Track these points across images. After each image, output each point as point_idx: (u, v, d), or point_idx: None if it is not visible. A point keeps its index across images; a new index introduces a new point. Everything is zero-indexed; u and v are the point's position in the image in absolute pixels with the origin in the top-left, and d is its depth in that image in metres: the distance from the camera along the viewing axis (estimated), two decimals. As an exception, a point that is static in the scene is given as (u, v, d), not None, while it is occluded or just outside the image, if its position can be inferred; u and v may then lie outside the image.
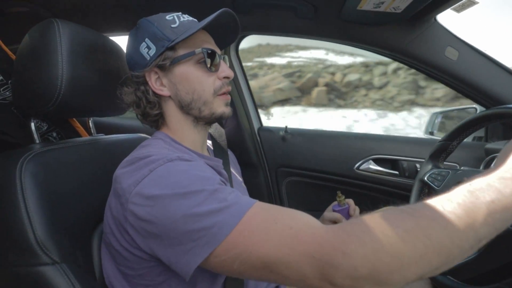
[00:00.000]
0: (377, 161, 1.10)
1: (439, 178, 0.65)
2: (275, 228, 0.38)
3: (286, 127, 1.20)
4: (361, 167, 1.10)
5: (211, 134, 0.78)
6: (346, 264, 0.33)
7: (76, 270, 0.49)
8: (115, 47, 0.70)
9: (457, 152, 0.93)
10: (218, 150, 0.75)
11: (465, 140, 1.12)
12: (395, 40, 0.85)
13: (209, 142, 0.77)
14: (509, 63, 0.87)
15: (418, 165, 1.06)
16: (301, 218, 0.39)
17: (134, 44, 0.57)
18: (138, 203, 0.43)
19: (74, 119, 0.86)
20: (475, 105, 1.07)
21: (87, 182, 0.60)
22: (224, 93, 0.59)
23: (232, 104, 1.13)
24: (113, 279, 0.52)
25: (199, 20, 0.57)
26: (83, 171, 0.60)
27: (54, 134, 0.85)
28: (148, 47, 0.55)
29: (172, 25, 0.55)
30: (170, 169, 0.45)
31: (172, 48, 0.55)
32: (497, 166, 0.36)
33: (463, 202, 0.33)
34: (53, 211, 0.50)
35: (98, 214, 0.60)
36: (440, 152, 0.69)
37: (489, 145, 0.95)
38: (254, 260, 0.38)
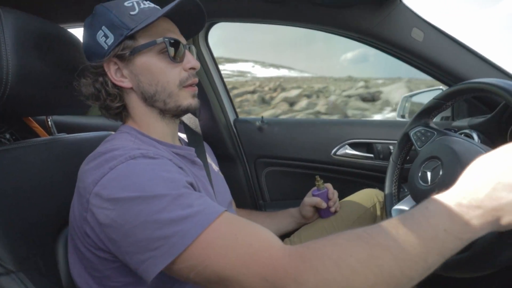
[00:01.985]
0: (353, 146, 1.12)
1: (423, 138, 0.66)
2: (234, 244, 0.38)
3: (262, 117, 1.19)
4: (338, 153, 1.12)
5: (185, 124, 0.75)
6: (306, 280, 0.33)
7: (36, 279, 0.45)
8: (72, 39, 0.65)
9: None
10: (192, 140, 0.72)
11: (434, 120, 1.17)
12: (363, 22, 0.85)
13: (183, 136, 0.74)
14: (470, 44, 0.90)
15: (391, 147, 1.09)
16: (262, 237, 0.39)
17: (90, 32, 0.53)
18: (97, 205, 0.41)
19: (30, 118, 0.79)
20: (441, 86, 1.11)
21: (47, 183, 0.55)
22: (190, 85, 0.56)
23: (205, 96, 1.10)
24: (83, 284, 0.49)
25: (162, 7, 0.54)
26: (42, 172, 0.56)
27: (8, 136, 0.78)
28: (106, 36, 0.52)
29: (131, 12, 0.52)
30: (131, 168, 0.43)
31: (132, 37, 0.52)
32: (459, 186, 0.36)
33: (417, 229, 0.33)
34: (5, 216, 0.46)
35: (63, 216, 0.56)
36: (432, 109, 0.68)
37: (456, 123, 0.99)
38: (209, 274, 0.37)
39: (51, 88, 0.58)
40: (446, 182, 0.52)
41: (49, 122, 0.81)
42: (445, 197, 0.35)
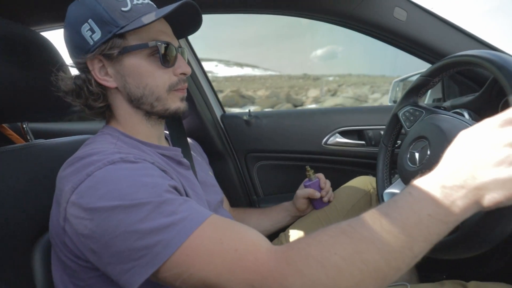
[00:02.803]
0: (343, 134, 1.09)
1: (411, 118, 0.64)
2: (220, 250, 0.36)
3: (249, 110, 1.16)
4: (329, 141, 1.09)
5: (168, 123, 0.72)
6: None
7: None
8: (44, 42, 0.62)
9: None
10: (176, 139, 0.70)
11: (424, 102, 1.14)
12: (343, 5, 0.83)
13: (166, 132, 0.72)
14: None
15: (382, 132, 1.07)
16: (248, 240, 0.37)
17: (74, 24, 0.49)
18: (75, 215, 0.39)
19: (4, 125, 0.77)
20: (430, 67, 1.09)
21: (23, 190, 0.53)
22: (180, 89, 0.54)
23: (188, 93, 1.07)
24: None
25: (157, 3, 0.51)
26: (18, 178, 0.53)
27: (-19, 145, 0.75)
28: (92, 30, 0.47)
29: (123, 8, 0.48)
30: (110, 174, 0.40)
31: (121, 36, 0.48)
32: (441, 167, 0.35)
33: (401, 218, 0.32)
34: None
35: (40, 224, 0.53)
36: (420, 87, 0.66)
37: (447, 103, 0.97)
38: (195, 281, 0.36)
39: (24, 93, 0.56)
40: (433, 162, 0.49)
41: (25, 129, 0.78)
42: (428, 180, 0.34)
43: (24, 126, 0.78)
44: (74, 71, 0.55)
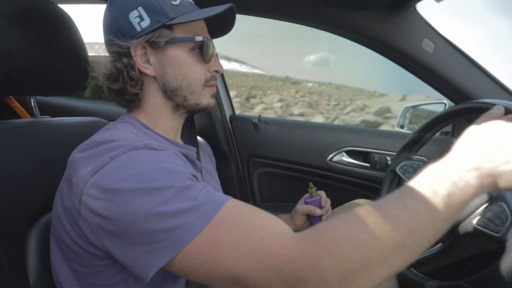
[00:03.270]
0: (349, 153, 1.09)
1: (410, 170, 0.65)
2: (244, 237, 0.35)
3: (259, 115, 1.15)
4: (334, 159, 1.09)
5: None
6: (317, 278, 0.32)
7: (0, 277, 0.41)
8: (62, 15, 0.60)
9: (425, 146, 0.94)
10: (187, 138, 0.69)
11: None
12: (374, 27, 0.82)
13: None
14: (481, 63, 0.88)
15: (388, 158, 1.07)
16: (272, 227, 0.37)
17: (122, 8, 0.50)
18: (94, 196, 0.38)
19: (11, 97, 0.74)
20: (444, 100, 1.09)
21: (25, 169, 0.51)
22: (212, 85, 0.56)
23: None
24: (62, 278, 0.46)
25: (198, 4, 0.54)
26: (21, 157, 0.51)
27: (-15, 114, 0.72)
28: (141, 17, 0.49)
29: (173, 2, 0.50)
30: (134, 159, 0.40)
31: (169, 27, 0.50)
32: (455, 153, 0.38)
33: (423, 198, 0.34)
34: None
35: (40, 206, 0.52)
36: (413, 144, 0.68)
37: (454, 139, 0.98)
38: (222, 271, 0.35)
39: (36, 67, 0.54)
40: None
41: (32, 103, 0.76)
42: (444, 164, 0.37)
43: (32, 100, 0.76)
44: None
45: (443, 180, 0.35)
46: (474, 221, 0.45)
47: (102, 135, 0.46)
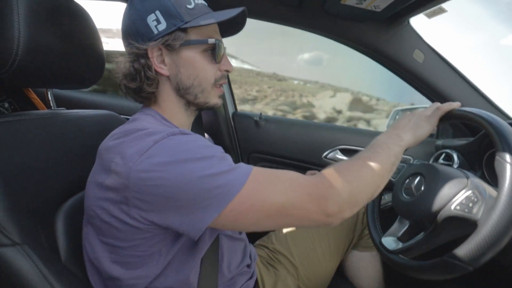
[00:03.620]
0: (343, 151, 1.17)
1: (395, 171, 0.72)
2: (278, 180, 0.46)
3: (260, 113, 1.21)
4: (329, 156, 1.17)
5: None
6: (333, 194, 0.45)
7: (40, 252, 0.46)
8: (80, 11, 0.64)
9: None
10: (194, 131, 0.74)
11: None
12: (371, 38, 0.89)
13: None
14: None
15: None
16: (292, 173, 0.48)
17: (140, 11, 0.52)
18: (147, 169, 0.42)
19: (30, 89, 0.77)
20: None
21: (49, 159, 0.55)
22: (221, 85, 0.59)
23: None
24: (97, 254, 0.50)
25: (210, 6, 0.57)
26: (44, 147, 0.55)
27: (6, 105, 0.76)
28: (158, 21, 0.51)
29: (188, 6, 0.53)
30: (176, 141, 0.45)
31: (184, 30, 0.53)
32: (391, 127, 0.60)
33: (381, 150, 0.54)
34: (10, 189, 0.46)
35: (64, 192, 0.57)
36: None
37: (439, 142, 1.07)
38: (268, 207, 0.44)
39: (57, 61, 0.57)
40: (427, 197, 0.58)
41: (49, 95, 0.79)
42: (385, 133, 0.58)
43: (49, 92, 0.79)
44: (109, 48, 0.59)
45: (385, 139, 0.56)
46: (452, 207, 0.52)
47: (134, 124, 0.50)
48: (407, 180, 0.66)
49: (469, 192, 0.53)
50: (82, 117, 0.69)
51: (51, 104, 0.80)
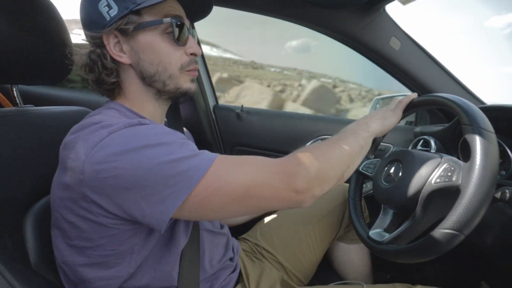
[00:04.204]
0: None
1: (371, 166, 0.73)
2: (244, 162, 0.45)
3: (242, 106, 1.20)
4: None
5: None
6: (301, 170, 0.44)
7: (4, 257, 0.44)
8: (46, 3, 0.60)
9: (391, 134, 1.04)
10: (173, 127, 0.72)
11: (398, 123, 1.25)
12: (347, 25, 0.89)
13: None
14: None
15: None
16: (260, 156, 0.47)
17: None
18: (100, 161, 0.40)
19: (-6, 85, 0.73)
20: (409, 93, 1.20)
21: (14, 158, 0.52)
22: (191, 70, 0.55)
23: None
24: (66, 257, 0.48)
25: None
26: (8, 146, 0.52)
27: (-33, 103, 0.71)
28: (109, 6, 0.48)
29: None
30: (132, 131, 0.43)
31: (137, 12, 0.49)
32: (363, 118, 0.63)
33: (349, 134, 0.56)
34: None
35: (33, 192, 0.54)
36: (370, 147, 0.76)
37: (417, 129, 1.09)
38: (234, 188, 0.42)
39: (19, 55, 0.54)
40: (406, 180, 0.59)
41: (14, 92, 0.75)
42: (354, 122, 0.61)
43: (14, 89, 0.75)
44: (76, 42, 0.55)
45: (354, 125, 0.59)
46: (433, 181, 0.53)
47: (92, 118, 0.47)
48: (386, 168, 0.67)
49: (445, 164, 0.54)
50: (51, 114, 0.65)
51: (17, 101, 0.75)
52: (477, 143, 0.48)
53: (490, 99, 0.97)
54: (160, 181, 0.40)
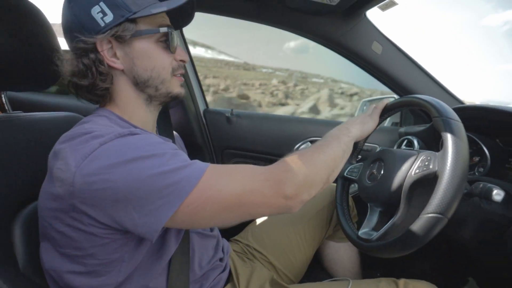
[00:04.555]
0: (314, 143, 1.20)
1: (355, 170, 0.75)
2: (234, 171, 0.47)
3: (232, 110, 1.22)
4: (300, 148, 1.20)
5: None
6: (289, 177, 0.47)
7: None
8: (30, 8, 0.60)
9: (377, 135, 1.07)
10: (163, 131, 0.73)
11: (384, 124, 1.29)
12: (330, 31, 0.92)
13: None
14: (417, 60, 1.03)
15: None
16: (249, 165, 0.49)
17: (83, 4, 0.49)
18: (92, 173, 0.40)
19: (-19, 92, 0.73)
20: (395, 95, 1.24)
21: (2, 164, 0.52)
22: (179, 74, 0.58)
23: None
24: (55, 266, 0.48)
25: None
26: None
27: (-45, 110, 0.72)
28: (103, 13, 0.49)
29: None
30: (124, 141, 0.43)
31: (133, 20, 0.51)
32: (343, 123, 0.67)
33: (332, 139, 0.59)
34: None
35: (21, 199, 0.54)
36: (352, 153, 0.77)
37: (402, 129, 1.13)
38: (225, 197, 0.44)
39: (5, 61, 0.54)
40: (388, 177, 0.61)
41: (3, 98, 0.76)
42: (336, 127, 0.65)
43: (2, 95, 0.76)
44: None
45: (335, 131, 0.63)
46: (413, 173, 0.57)
47: (83, 127, 0.47)
48: (369, 168, 0.70)
49: (422, 156, 0.58)
50: (40, 120, 0.65)
51: (6, 107, 0.76)
52: (447, 131, 0.52)
53: (490, 98, 1.01)
54: (152, 193, 0.40)
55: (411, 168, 0.58)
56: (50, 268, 0.48)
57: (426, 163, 0.55)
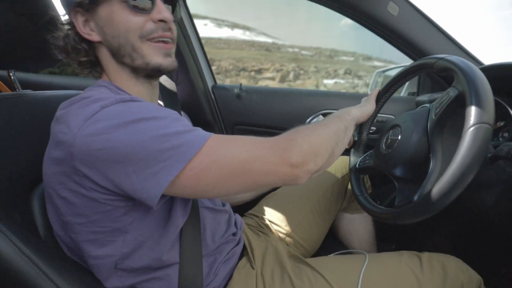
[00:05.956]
0: (326, 116, 1.17)
1: (367, 158, 0.74)
2: (240, 139, 0.46)
3: (240, 84, 1.19)
4: (312, 122, 1.17)
5: (162, 89, 0.72)
6: (295, 145, 0.46)
7: (16, 230, 0.46)
8: None
9: (393, 105, 1.03)
10: (169, 106, 0.71)
11: (400, 94, 1.24)
12: None
13: (160, 103, 0.73)
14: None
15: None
16: (251, 136, 0.48)
17: None
18: (92, 133, 0.39)
19: (-9, 72, 0.74)
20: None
21: (15, 139, 0.53)
22: (161, 41, 0.51)
23: (183, 61, 1.07)
24: (60, 233, 0.49)
25: None
26: (9, 127, 0.53)
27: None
28: None
29: None
30: (126, 106, 0.42)
31: None
32: (340, 110, 0.68)
33: (334, 118, 0.60)
34: None
35: (36, 172, 0.55)
36: (357, 146, 0.78)
37: (419, 98, 1.07)
38: (230, 162, 0.42)
39: (14, 40, 0.55)
40: (404, 144, 0.59)
41: (12, 77, 0.76)
42: (337, 111, 0.66)
43: (11, 74, 0.76)
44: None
45: (337, 112, 0.65)
46: (433, 115, 0.56)
47: (82, 94, 0.47)
48: (385, 137, 0.67)
49: (437, 99, 0.57)
50: (49, 97, 0.66)
51: (16, 86, 0.76)
52: (453, 65, 0.52)
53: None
54: (152, 155, 0.39)
55: (429, 114, 0.57)
56: (57, 235, 0.50)
57: (445, 97, 0.54)
